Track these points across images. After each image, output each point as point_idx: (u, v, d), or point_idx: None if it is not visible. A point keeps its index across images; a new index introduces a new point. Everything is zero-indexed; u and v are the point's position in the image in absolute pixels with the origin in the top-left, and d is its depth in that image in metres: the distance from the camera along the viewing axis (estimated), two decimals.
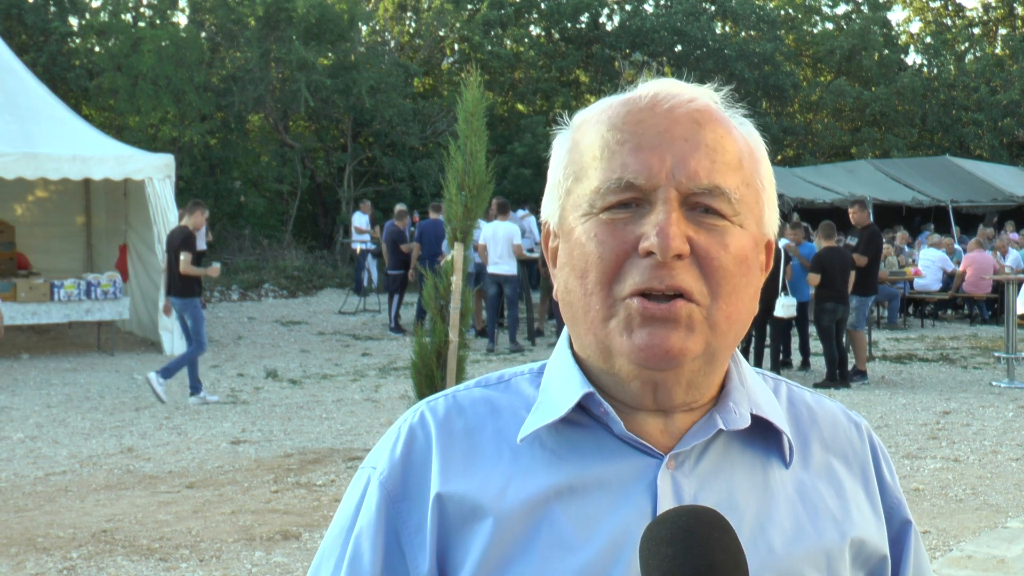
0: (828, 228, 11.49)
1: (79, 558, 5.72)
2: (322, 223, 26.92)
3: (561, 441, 1.07)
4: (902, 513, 1.17)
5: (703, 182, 1.03)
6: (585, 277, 1.04)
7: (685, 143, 1.03)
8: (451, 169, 6.31)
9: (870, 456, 1.17)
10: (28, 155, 12.39)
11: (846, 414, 1.19)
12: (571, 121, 1.14)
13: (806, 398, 1.18)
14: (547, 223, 1.14)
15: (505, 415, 1.11)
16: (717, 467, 1.08)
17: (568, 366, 1.10)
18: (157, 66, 21.88)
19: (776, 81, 31.37)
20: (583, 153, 1.08)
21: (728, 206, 1.04)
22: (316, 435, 8.85)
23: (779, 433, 1.10)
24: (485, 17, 28.07)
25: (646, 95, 1.07)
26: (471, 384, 1.17)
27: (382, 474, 1.11)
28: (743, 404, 1.09)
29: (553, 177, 1.12)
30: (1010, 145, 34.66)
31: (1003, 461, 8.01)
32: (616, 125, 1.06)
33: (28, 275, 13.89)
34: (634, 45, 30.89)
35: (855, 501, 1.13)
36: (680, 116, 1.05)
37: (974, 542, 6.03)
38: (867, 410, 10.00)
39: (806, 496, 1.10)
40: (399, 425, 1.15)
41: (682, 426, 1.08)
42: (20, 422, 9.34)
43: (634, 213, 1.03)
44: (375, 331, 15.86)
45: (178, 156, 17.82)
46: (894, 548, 1.15)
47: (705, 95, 1.09)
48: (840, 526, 1.10)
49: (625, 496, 1.05)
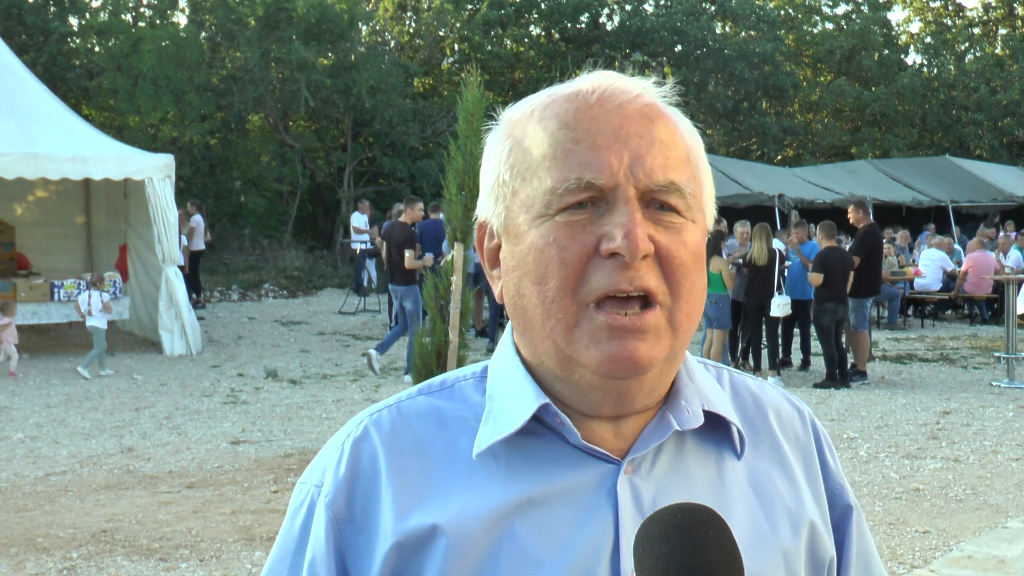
0: (829, 228, 11.49)
1: (79, 558, 5.72)
2: (322, 223, 26.92)
3: (515, 453, 1.04)
4: (845, 499, 1.17)
5: (659, 179, 1.01)
6: (544, 283, 1.01)
7: (640, 140, 1.02)
8: (451, 169, 6.31)
9: (813, 442, 1.17)
10: (28, 155, 12.39)
11: (788, 400, 1.19)
12: (504, 117, 1.11)
13: (749, 385, 1.18)
14: (486, 224, 1.10)
15: (453, 426, 1.08)
16: (673, 467, 1.07)
17: (518, 374, 1.07)
18: (157, 66, 21.88)
19: (776, 81, 31.36)
20: (530, 151, 1.04)
21: (682, 201, 1.03)
22: (316, 435, 8.85)
23: (729, 425, 1.10)
24: (485, 17, 28.08)
25: (591, 90, 1.04)
26: (413, 392, 1.13)
27: (327, 496, 1.07)
28: (694, 401, 1.08)
29: (492, 176, 1.08)
30: (1010, 145, 34.66)
31: (1003, 461, 8.01)
32: (568, 123, 1.03)
33: (28, 275, 13.89)
34: (634, 45, 30.90)
35: (804, 484, 1.13)
36: (632, 113, 1.03)
37: (974, 542, 6.03)
38: (867, 410, 10.00)
39: (759, 486, 1.10)
40: (341, 440, 1.10)
41: (634, 428, 1.06)
42: (20, 422, 9.34)
43: (592, 213, 1.00)
44: (375, 331, 15.85)
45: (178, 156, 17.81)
46: (836, 533, 1.15)
47: (650, 89, 1.07)
48: (793, 516, 1.10)
49: (586, 506, 1.03)
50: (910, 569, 5.61)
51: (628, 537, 1.01)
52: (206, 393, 10.80)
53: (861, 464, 7.91)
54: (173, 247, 13.39)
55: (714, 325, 11.66)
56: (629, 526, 1.02)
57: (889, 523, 6.41)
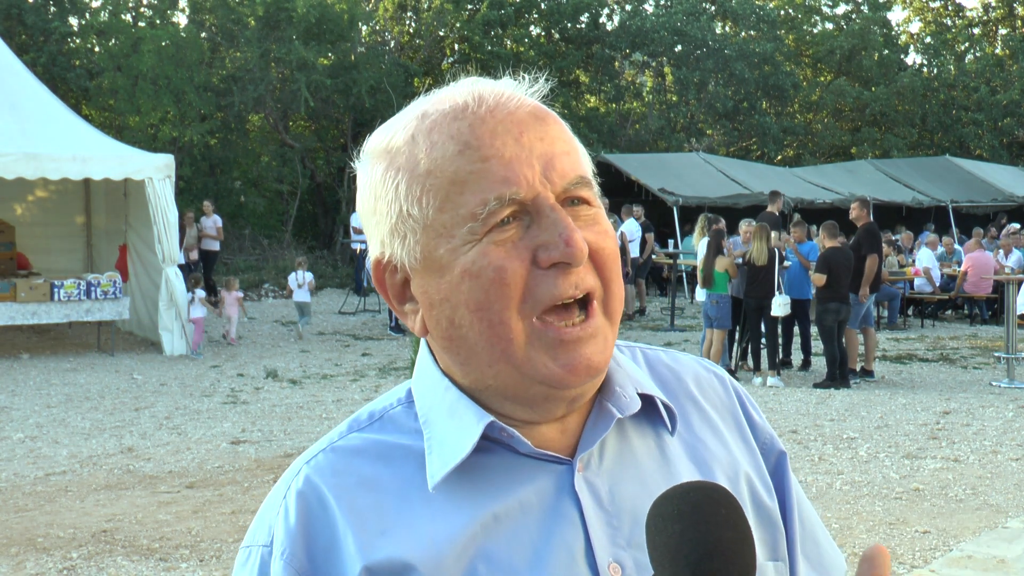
0: (832, 228, 11.49)
1: (79, 558, 5.72)
2: (322, 223, 26.93)
3: (468, 474, 1.03)
4: (776, 446, 1.19)
5: (571, 177, 1.01)
6: (485, 308, 0.98)
7: (541, 143, 1.01)
8: None
9: (736, 402, 1.19)
10: (28, 155, 12.39)
11: (703, 366, 1.20)
12: (373, 148, 1.06)
13: (662, 358, 1.19)
14: (389, 261, 1.05)
15: (396, 457, 1.05)
16: (620, 456, 1.07)
17: (451, 395, 1.05)
18: (157, 66, 21.89)
19: (776, 81, 31.36)
20: (432, 176, 1.00)
21: (590, 192, 1.03)
22: (316, 435, 8.84)
23: (656, 403, 1.10)
24: (485, 17, 28.08)
25: (475, 102, 1.02)
26: (343, 430, 1.09)
27: (283, 552, 1.02)
28: (627, 386, 1.08)
29: (390, 211, 1.03)
30: (1010, 145, 34.67)
31: (1003, 461, 8.01)
32: (468, 143, 0.99)
33: (28, 275, 13.89)
34: (634, 45, 30.90)
35: (735, 443, 1.14)
36: (524, 117, 1.02)
37: (974, 542, 6.02)
38: (867, 410, 10.00)
39: (697, 455, 1.11)
40: (281, 494, 1.06)
41: (577, 421, 1.06)
42: (20, 422, 9.34)
43: (518, 227, 0.99)
44: (375, 331, 15.86)
45: (178, 156, 17.82)
46: (775, 478, 1.17)
47: (520, 89, 1.06)
48: (729, 474, 1.11)
49: (549, 511, 1.02)
50: (910, 569, 5.61)
51: (597, 533, 1.02)
52: (206, 393, 10.80)
53: (861, 464, 7.91)
54: (173, 247, 13.39)
55: (715, 325, 11.66)
56: (595, 523, 1.02)
57: (889, 523, 6.41)
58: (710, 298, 11.69)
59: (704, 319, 11.96)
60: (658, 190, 21.81)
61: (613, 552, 1.02)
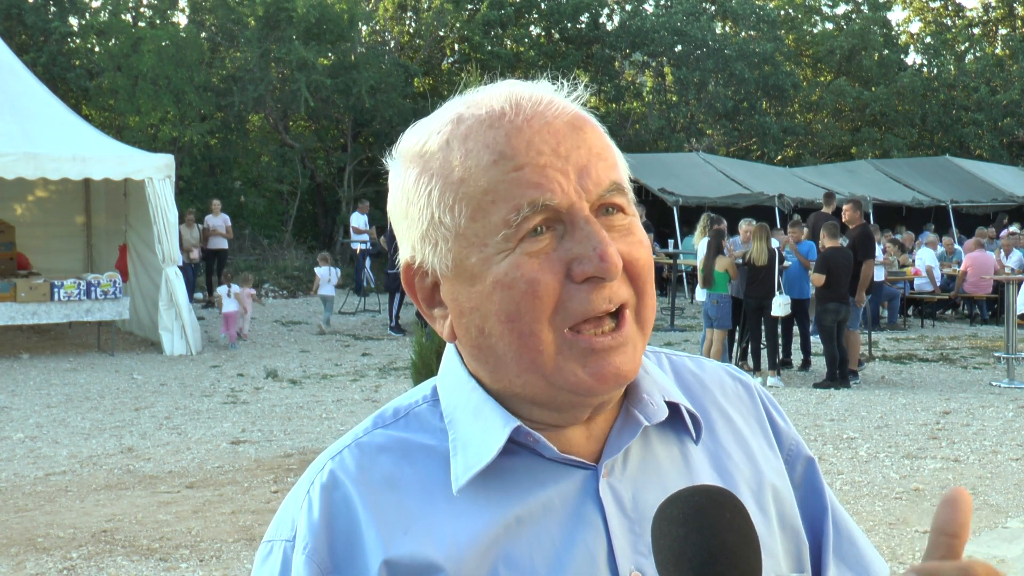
0: (833, 228, 11.47)
1: (79, 558, 5.72)
2: (322, 223, 26.93)
3: (493, 476, 1.02)
4: (802, 452, 1.18)
5: (605, 182, 1.00)
6: (516, 319, 0.98)
7: (578, 151, 0.99)
8: None
9: (762, 409, 1.18)
10: (28, 155, 12.39)
11: (730, 373, 1.19)
12: (406, 150, 1.06)
13: (688, 364, 1.18)
14: (420, 266, 1.05)
15: (419, 456, 1.05)
16: (643, 463, 1.07)
17: (477, 397, 1.05)
18: (157, 66, 21.90)
19: (776, 81, 31.36)
20: (466, 185, 0.99)
21: (625, 199, 1.02)
22: (316, 435, 8.85)
23: (684, 412, 1.10)
24: (485, 17, 28.08)
25: (512, 109, 1.01)
26: (368, 426, 1.09)
27: (306, 547, 1.01)
28: (655, 393, 1.07)
29: (422, 217, 1.02)
30: (1010, 145, 34.67)
31: (1003, 461, 8.01)
32: (504, 152, 0.98)
33: (28, 275, 13.89)
34: (634, 45, 30.91)
35: (761, 452, 1.14)
36: (561, 127, 1.00)
37: (974, 542, 6.02)
38: (867, 410, 10.00)
39: (720, 465, 1.10)
40: (305, 488, 1.06)
41: (603, 427, 1.06)
42: (20, 422, 9.34)
43: (551, 237, 0.98)
44: (375, 331, 15.86)
45: (178, 156, 17.84)
46: (805, 484, 1.16)
47: (560, 94, 1.05)
48: (755, 489, 1.10)
49: (573, 515, 1.02)
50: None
51: (619, 540, 1.02)
52: (206, 393, 10.81)
53: (861, 464, 7.91)
54: (173, 247, 13.39)
55: (715, 325, 11.66)
56: (617, 529, 1.02)
57: (889, 523, 6.41)
58: (710, 298, 11.69)
59: (704, 319, 11.96)
60: (658, 190, 21.81)
61: (634, 559, 1.02)
